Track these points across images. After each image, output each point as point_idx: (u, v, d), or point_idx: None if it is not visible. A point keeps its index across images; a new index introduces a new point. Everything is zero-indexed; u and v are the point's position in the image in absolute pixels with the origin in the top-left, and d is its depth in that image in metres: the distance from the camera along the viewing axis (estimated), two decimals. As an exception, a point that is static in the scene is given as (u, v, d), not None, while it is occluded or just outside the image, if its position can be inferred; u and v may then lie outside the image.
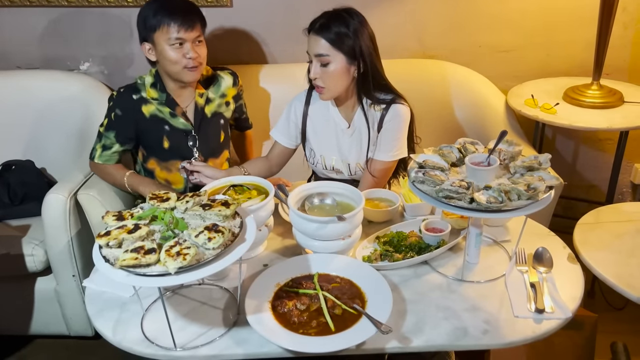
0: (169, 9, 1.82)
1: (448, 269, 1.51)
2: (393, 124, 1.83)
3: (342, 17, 1.73)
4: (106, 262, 1.17)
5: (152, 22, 1.83)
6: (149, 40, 1.87)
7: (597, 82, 2.30)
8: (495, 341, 1.28)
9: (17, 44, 2.53)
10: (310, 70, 1.78)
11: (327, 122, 1.92)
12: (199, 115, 1.98)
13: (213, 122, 2.03)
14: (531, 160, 1.40)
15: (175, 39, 1.81)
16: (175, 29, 1.81)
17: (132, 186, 1.97)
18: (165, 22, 1.81)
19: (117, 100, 1.95)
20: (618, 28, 2.37)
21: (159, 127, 1.96)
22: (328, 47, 1.72)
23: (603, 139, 2.69)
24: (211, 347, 1.27)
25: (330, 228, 1.43)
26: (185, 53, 1.83)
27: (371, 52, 1.75)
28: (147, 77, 1.95)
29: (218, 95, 2.03)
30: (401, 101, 1.84)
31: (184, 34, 1.81)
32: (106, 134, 1.96)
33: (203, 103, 1.99)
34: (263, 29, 2.49)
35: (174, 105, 1.95)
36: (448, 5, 2.45)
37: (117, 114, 1.94)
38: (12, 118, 2.43)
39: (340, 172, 1.97)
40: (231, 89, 2.06)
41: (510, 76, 2.55)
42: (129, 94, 1.94)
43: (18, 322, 2.20)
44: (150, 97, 1.93)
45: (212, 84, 2.03)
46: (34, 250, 2.04)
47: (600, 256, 1.62)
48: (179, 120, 1.96)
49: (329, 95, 1.81)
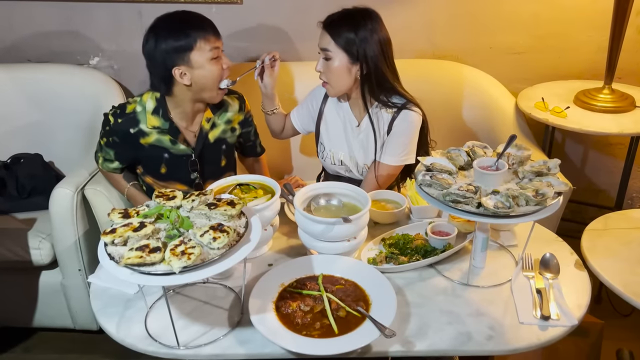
0: (195, 23, 1.71)
1: (453, 272, 1.50)
2: (401, 128, 1.83)
3: (354, 20, 1.73)
4: (111, 259, 1.17)
5: (184, 42, 1.68)
6: (181, 63, 1.70)
7: (608, 86, 2.27)
8: (499, 347, 1.27)
9: (28, 38, 2.54)
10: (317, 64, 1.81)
11: (339, 118, 1.94)
12: (201, 140, 1.88)
13: (214, 147, 1.93)
14: (540, 165, 1.39)
15: (214, 49, 1.71)
16: (210, 39, 1.70)
17: (130, 200, 1.97)
18: (201, 36, 1.69)
19: (113, 128, 1.81)
20: (631, 32, 2.34)
21: (158, 154, 1.86)
22: (332, 44, 1.74)
23: (614, 144, 2.66)
24: (214, 346, 1.27)
25: (336, 229, 1.42)
26: (222, 63, 1.75)
27: (378, 56, 1.74)
28: (149, 102, 1.80)
29: (224, 122, 1.92)
30: (413, 107, 1.83)
31: (217, 42, 1.73)
32: (106, 149, 1.89)
33: (208, 128, 1.88)
34: (273, 27, 2.49)
35: (176, 134, 1.83)
36: (459, 6, 2.43)
37: (114, 139, 1.84)
38: (21, 111, 2.44)
39: (350, 171, 1.97)
40: (237, 115, 1.95)
41: (520, 78, 2.53)
42: (126, 126, 1.79)
43: (24, 314, 2.22)
44: (150, 126, 1.80)
45: (219, 109, 1.91)
46: (41, 243, 2.05)
47: (608, 263, 1.60)
48: (179, 147, 1.85)
49: (333, 91, 1.84)
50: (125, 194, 1.98)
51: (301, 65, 2.44)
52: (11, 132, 2.45)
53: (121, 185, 1.98)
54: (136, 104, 1.81)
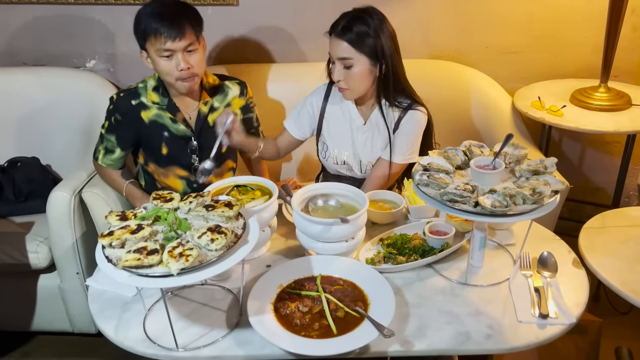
0: (155, 16, 1.70)
1: (452, 272, 1.50)
2: (408, 127, 1.84)
3: (362, 18, 1.72)
4: (109, 262, 1.17)
5: (141, 30, 1.73)
6: (142, 48, 1.77)
7: (604, 85, 2.28)
8: (498, 346, 1.27)
9: (23, 41, 2.53)
10: (334, 73, 1.78)
11: (343, 118, 1.93)
12: (200, 122, 1.90)
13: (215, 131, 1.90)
14: (537, 164, 1.39)
15: (164, 50, 1.70)
16: (161, 39, 1.69)
17: (129, 197, 1.96)
18: (152, 31, 1.69)
19: (117, 104, 1.87)
20: (627, 30, 2.35)
21: (158, 133, 1.89)
22: (351, 50, 1.71)
23: (610, 142, 2.67)
24: (213, 348, 1.27)
25: (333, 230, 1.42)
26: (176, 64, 1.72)
27: (392, 52, 1.75)
28: (150, 81, 1.88)
29: (223, 105, 1.94)
30: (419, 107, 1.84)
31: (171, 45, 1.69)
32: (107, 136, 1.92)
33: (207, 111, 1.91)
34: (269, 28, 2.49)
35: (175, 111, 1.87)
36: (455, 6, 2.44)
37: (117, 118, 1.88)
38: (18, 115, 2.43)
39: (351, 170, 1.97)
40: (238, 100, 1.98)
41: (517, 78, 2.53)
42: (128, 99, 1.86)
43: (22, 318, 2.21)
44: (151, 100, 1.86)
45: (218, 93, 1.94)
46: (39, 247, 2.05)
47: (606, 261, 1.61)
48: (179, 127, 1.89)
49: (352, 95, 1.82)
50: (124, 191, 1.96)
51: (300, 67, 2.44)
52: (8, 135, 2.44)
53: (119, 184, 1.98)
54: (140, 83, 1.90)
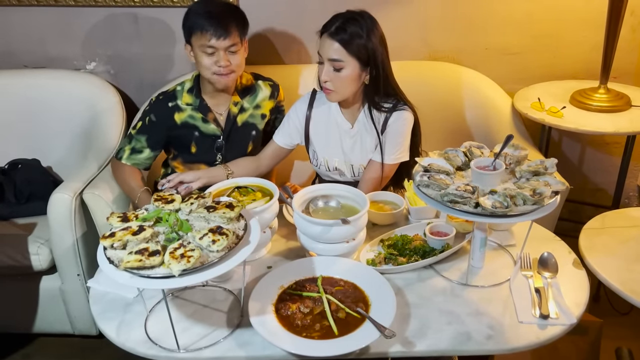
0: (204, 14, 1.79)
1: (452, 273, 1.50)
2: (396, 127, 1.83)
3: (355, 20, 1.72)
4: (110, 263, 1.17)
5: (189, 25, 1.82)
6: (187, 41, 1.86)
7: (604, 86, 2.28)
8: (498, 346, 1.28)
9: (24, 43, 2.54)
10: (321, 73, 1.76)
11: (330, 124, 1.92)
12: (229, 122, 1.97)
13: (243, 131, 2.01)
14: (537, 164, 1.40)
15: (208, 47, 1.79)
16: (207, 36, 1.78)
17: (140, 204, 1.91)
18: (199, 28, 1.78)
19: (154, 106, 1.95)
20: (626, 31, 2.36)
21: (189, 133, 1.96)
22: (342, 52, 1.71)
23: (610, 143, 2.67)
24: (214, 349, 1.27)
25: (334, 231, 1.43)
26: (216, 61, 1.80)
27: (383, 57, 1.75)
28: (187, 83, 1.95)
29: (252, 106, 2.00)
30: (405, 107, 1.84)
31: (215, 42, 1.78)
32: (137, 137, 1.95)
33: (236, 111, 1.97)
34: (269, 30, 2.49)
35: (206, 111, 1.94)
36: (454, 7, 2.44)
37: (151, 119, 1.94)
38: (19, 117, 2.44)
39: (343, 174, 1.97)
40: (268, 102, 2.02)
41: (516, 79, 2.54)
42: (165, 101, 1.94)
43: (23, 320, 2.21)
44: (184, 102, 1.93)
45: (249, 94, 2.00)
46: (39, 249, 2.05)
47: (606, 262, 1.61)
48: (209, 126, 1.95)
49: (336, 97, 1.81)
50: (138, 196, 1.90)
51: (298, 68, 2.44)
52: (9, 137, 2.45)
53: (132, 188, 1.92)
54: (179, 85, 1.97)
